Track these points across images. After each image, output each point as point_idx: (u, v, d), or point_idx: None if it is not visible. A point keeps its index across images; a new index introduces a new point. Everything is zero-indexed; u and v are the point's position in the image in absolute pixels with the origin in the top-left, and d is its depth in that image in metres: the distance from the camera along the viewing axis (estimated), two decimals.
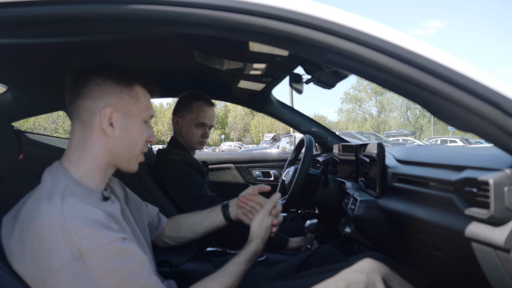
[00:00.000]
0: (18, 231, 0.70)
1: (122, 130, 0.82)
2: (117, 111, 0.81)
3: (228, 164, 2.52)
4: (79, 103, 0.80)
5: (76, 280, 0.66)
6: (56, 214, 0.67)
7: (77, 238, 0.66)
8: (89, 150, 0.80)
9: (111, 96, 0.81)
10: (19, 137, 0.91)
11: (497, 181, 0.65)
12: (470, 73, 0.63)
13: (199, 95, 1.70)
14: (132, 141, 0.84)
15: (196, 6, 0.64)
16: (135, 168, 0.89)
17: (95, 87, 0.80)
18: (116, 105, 0.81)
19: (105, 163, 0.82)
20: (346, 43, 0.65)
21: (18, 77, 1.36)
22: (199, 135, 1.67)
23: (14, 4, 0.65)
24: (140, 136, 0.85)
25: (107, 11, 0.65)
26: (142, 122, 0.86)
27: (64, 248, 0.66)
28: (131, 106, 0.83)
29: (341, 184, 1.69)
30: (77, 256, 0.66)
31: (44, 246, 0.66)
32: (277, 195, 1.09)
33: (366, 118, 47.26)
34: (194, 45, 1.27)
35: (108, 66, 0.84)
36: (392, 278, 0.97)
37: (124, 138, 0.83)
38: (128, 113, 0.83)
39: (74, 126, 0.82)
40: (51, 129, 30.29)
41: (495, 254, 0.67)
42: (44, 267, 0.66)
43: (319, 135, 2.23)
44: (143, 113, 0.85)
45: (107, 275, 0.68)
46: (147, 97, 0.88)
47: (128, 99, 0.83)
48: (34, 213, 0.69)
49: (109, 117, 0.80)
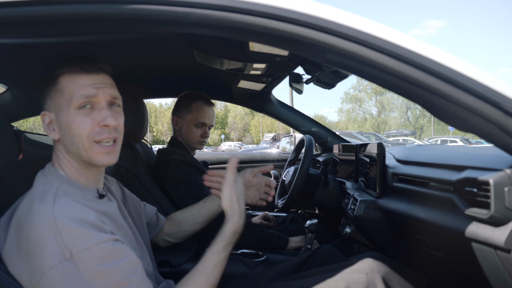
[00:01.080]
0: (13, 233, 0.70)
1: (59, 128, 0.78)
2: (51, 112, 0.79)
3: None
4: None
5: (67, 282, 0.65)
6: (47, 215, 0.67)
7: (67, 239, 0.66)
8: (58, 154, 0.81)
9: (45, 100, 0.80)
10: (19, 137, 0.91)
11: (498, 181, 0.65)
12: (470, 73, 0.63)
13: (198, 95, 1.70)
14: (73, 135, 0.76)
15: (196, 6, 0.64)
16: (100, 161, 0.79)
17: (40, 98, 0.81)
18: (49, 107, 0.80)
19: (76, 164, 0.80)
20: (346, 43, 0.65)
21: (17, 77, 1.35)
22: (199, 135, 1.67)
23: (14, 4, 0.65)
24: (77, 127, 0.76)
25: (107, 11, 0.65)
26: (75, 111, 0.76)
27: (54, 249, 0.65)
28: (59, 101, 0.78)
29: (341, 184, 1.69)
30: (67, 257, 0.65)
31: (35, 247, 0.66)
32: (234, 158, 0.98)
33: (366, 118, 47.25)
34: (194, 45, 1.27)
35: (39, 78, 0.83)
36: (392, 278, 0.97)
37: (66, 135, 0.77)
38: (58, 110, 0.78)
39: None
40: None
41: (496, 254, 0.67)
42: (36, 269, 0.66)
43: (319, 135, 2.23)
44: (70, 102, 0.76)
45: (98, 276, 0.67)
46: (74, 80, 0.77)
47: (54, 95, 0.78)
48: (26, 215, 0.69)
49: (48, 121, 0.79)
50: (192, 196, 1.48)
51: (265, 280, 1.20)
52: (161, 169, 1.57)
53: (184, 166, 1.55)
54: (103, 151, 0.78)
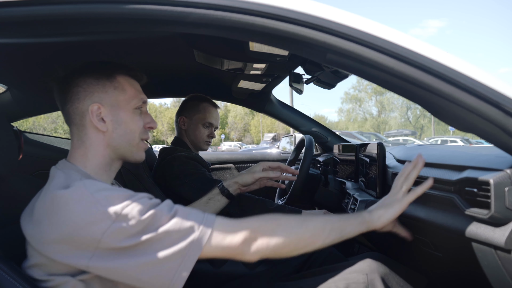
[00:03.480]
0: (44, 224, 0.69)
1: (114, 122, 0.83)
2: (104, 105, 0.82)
3: (228, 164, 2.52)
4: (68, 107, 0.83)
5: (122, 240, 0.66)
6: (82, 192, 0.69)
7: (108, 205, 0.68)
8: (90, 148, 0.82)
9: (95, 93, 0.82)
10: (19, 137, 0.91)
11: (498, 181, 0.65)
12: (470, 73, 0.63)
13: (204, 98, 1.75)
14: (127, 131, 0.84)
15: (196, 6, 0.64)
16: (140, 156, 0.89)
17: (78, 88, 0.82)
18: (101, 100, 0.82)
19: (108, 158, 0.84)
20: (346, 43, 0.65)
21: (17, 77, 1.35)
22: (206, 134, 1.71)
23: (14, 4, 0.64)
24: (135, 124, 0.86)
25: (107, 11, 0.65)
26: (133, 110, 0.85)
27: (100, 216, 0.67)
28: (117, 97, 0.84)
29: (341, 184, 1.68)
30: (114, 219, 0.67)
31: (81, 224, 0.66)
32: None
33: (366, 118, 47.27)
34: (194, 45, 1.27)
35: (87, 64, 0.85)
36: (392, 279, 0.97)
37: (118, 129, 0.83)
38: (115, 105, 0.83)
39: (71, 130, 0.85)
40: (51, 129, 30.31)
41: (496, 254, 0.66)
42: (89, 241, 0.66)
43: (319, 135, 2.22)
44: (131, 101, 0.85)
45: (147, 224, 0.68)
46: (133, 84, 0.87)
47: (112, 91, 0.83)
48: (58, 201, 0.69)
49: (98, 112, 0.81)
50: (200, 181, 1.48)
51: (265, 280, 1.20)
52: (166, 166, 1.57)
53: (189, 161, 1.57)
54: (144, 147, 0.90)
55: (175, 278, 0.68)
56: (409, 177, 0.85)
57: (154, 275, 0.68)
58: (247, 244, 0.72)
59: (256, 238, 0.73)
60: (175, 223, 0.70)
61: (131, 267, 0.67)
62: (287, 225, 0.76)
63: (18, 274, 0.70)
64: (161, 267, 0.68)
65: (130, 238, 0.67)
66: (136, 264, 0.67)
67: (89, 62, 0.86)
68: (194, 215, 0.72)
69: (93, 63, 0.86)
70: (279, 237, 0.73)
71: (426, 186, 0.81)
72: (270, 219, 0.76)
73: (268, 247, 0.73)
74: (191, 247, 0.69)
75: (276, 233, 0.74)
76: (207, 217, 0.73)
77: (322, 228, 0.78)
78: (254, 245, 0.73)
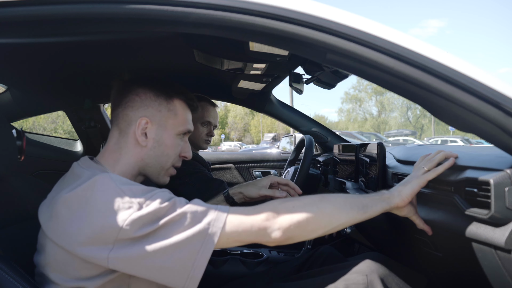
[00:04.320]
0: (71, 217, 0.69)
1: (155, 141, 0.85)
2: (152, 122, 0.84)
3: (228, 164, 2.52)
4: (120, 110, 0.84)
5: (143, 228, 0.66)
6: (108, 182, 0.70)
7: (132, 195, 0.69)
8: (124, 155, 0.84)
9: (149, 108, 0.84)
10: (22, 138, 0.91)
11: (498, 181, 0.65)
12: (470, 73, 0.63)
13: (202, 97, 1.76)
14: (163, 153, 0.86)
15: (196, 6, 0.64)
16: (164, 180, 0.90)
17: (135, 97, 0.84)
18: (152, 116, 0.84)
19: (136, 170, 0.85)
20: (346, 43, 0.65)
21: (17, 77, 1.35)
22: (205, 133, 1.72)
23: (14, 3, 0.64)
24: (173, 150, 0.88)
25: (107, 11, 0.65)
26: (176, 135, 0.88)
27: (124, 205, 0.67)
28: (167, 119, 0.86)
29: (341, 184, 1.68)
30: (137, 208, 0.67)
31: (105, 212, 0.67)
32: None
33: (366, 118, 47.26)
34: (194, 45, 1.27)
35: (152, 78, 0.88)
36: (391, 279, 0.97)
37: (156, 149, 0.85)
38: (163, 126, 0.86)
39: (112, 132, 0.86)
40: (51, 129, 30.29)
41: (496, 254, 0.66)
42: (110, 229, 0.66)
43: (319, 135, 2.22)
44: (178, 127, 0.87)
45: (168, 209, 0.68)
46: (186, 112, 0.90)
47: (165, 112, 0.86)
48: (82, 192, 0.70)
49: (144, 127, 0.83)
50: (201, 180, 1.49)
51: (265, 280, 1.20)
52: None
53: (190, 161, 1.56)
54: (172, 174, 0.92)
55: (196, 262, 0.67)
56: (433, 159, 0.83)
57: (175, 259, 0.66)
58: (269, 220, 0.70)
59: (278, 213, 0.71)
60: (191, 207, 0.70)
61: (151, 253, 0.66)
62: (306, 200, 0.75)
63: (18, 274, 0.70)
64: (180, 251, 0.67)
65: (150, 225, 0.67)
66: (156, 248, 0.66)
67: (155, 77, 0.89)
68: (207, 204, 0.73)
69: (158, 79, 0.88)
70: (301, 212, 0.71)
71: (447, 164, 0.79)
72: (287, 199, 0.76)
73: (291, 222, 0.70)
74: (210, 228, 0.68)
75: (297, 209, 0.72)
76: (222, 204, 0.73)
77: (343, 202, 0.76)
78: (277, 221, 0.71)
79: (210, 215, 0.70)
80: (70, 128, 25.39)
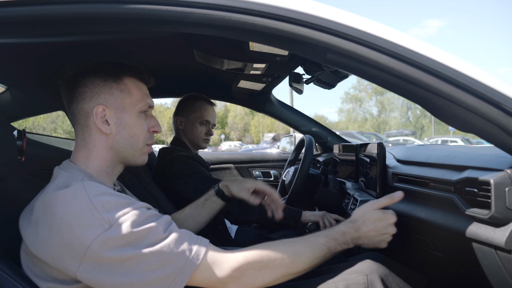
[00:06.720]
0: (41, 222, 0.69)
1: (118, 125, 0.82)
2: (109, 108, 0.82)
3: (228, 164, 2.52)
4: (74, 107, 0.82)
5: (112, 249, 0.65)
6: (81, 194, 0.68)
7: (104, 212, 0.67)
8: (92, 149, 0.82)
9: (101, 94, 0.81)
10: (23, 139, 0.91)
11: (498, 181, 0.65)
12: (470, 73, 0.63)
13: (199, 96, 1.76)
14: (130, 135, 0.84)
15: (196, 6, 0.64)
16: (143, 160, 0.88)
17: (84, 89, 0.81)
18: (106, 102, 0.81)
19: (110, 161, 0.84)
20: (346, 43, 0.65)
21: (17, 77, 1.35)
22: (204, 132, 1.72)
23: (14, 3, 0.64)
24: (139, 128, 0.85)
25: (107, 11, 0.65)
26: (138, 113, 0.85)
27: (94, 223, 0.66)
28: (123, 100, 0.83)
29: (342, 184, 1.68)
30: (107, 228, 0.66)
31: (74, 226, 0.66)
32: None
33: (366, 118, 47.23)
34: (194, 45, 1.27)
35: (95, 65, 0.84)
36: (392, 279, 0.96)
37: (122, 133, 0.83)
38: (120, 108, 0.83)
39: (75, 130, 0.84)
40: (50, 129, 30.29)
41: (496, 254, 0.66)
42: (78, 244, 0.65)
43: (319, 135, 2.22)
44: (137, 105, 0.84)
45: (139, 237, 0.67)
46: (140, 87, 0.87)
47: (118, 94, 0.83)
48: (57, 200, 0.69)
49: (102, 114, 0.81)
50: (199, 180, 1.49)
51: None
52: (166, 166, 1.57)
53: (189, 160, 1.57)
54: (148, 151, 0.89)
55: None
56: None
57: None
58: (232, 281, 0.73)
59: (243, 274, 0.74)
60: (167, 246, 0.69)
61: (116, 285, 0.66)
62: (276, 262, 0.77)
63: (18, 274, 0.70)
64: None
65: (119, 249, 0.66)
66: (121, 282, 0.66)
67: (98, 63, 0.85)
68: (187, 240, 0.72)
69: (102, 64, 0.85)
70: (264, 277, 0.75)
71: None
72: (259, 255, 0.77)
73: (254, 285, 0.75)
74: (178, 274, 0.68)
75: (262, 273, 0.75)
76: (200, 241, 0.73)
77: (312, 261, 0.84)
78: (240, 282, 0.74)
79: (183, 261, 0.69)
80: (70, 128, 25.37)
